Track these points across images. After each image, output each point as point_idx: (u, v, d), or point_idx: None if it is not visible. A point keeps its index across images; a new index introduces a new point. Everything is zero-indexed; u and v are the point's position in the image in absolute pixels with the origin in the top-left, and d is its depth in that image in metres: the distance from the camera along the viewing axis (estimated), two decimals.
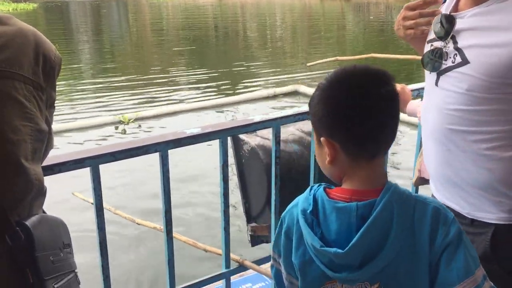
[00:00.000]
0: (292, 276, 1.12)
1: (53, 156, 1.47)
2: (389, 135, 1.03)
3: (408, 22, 1.45)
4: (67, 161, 1.52)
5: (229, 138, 1.92)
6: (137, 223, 2.81)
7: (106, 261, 1.68)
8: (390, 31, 15.32)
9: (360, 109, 0.98)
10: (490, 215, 1.32)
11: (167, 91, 9.36)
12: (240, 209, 2.74)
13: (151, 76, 10.60)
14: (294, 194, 2.22)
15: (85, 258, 2.66)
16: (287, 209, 1.14)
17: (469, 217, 1.35)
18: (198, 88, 9.59)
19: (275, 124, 1.89)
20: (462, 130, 1.31)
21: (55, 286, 1.11)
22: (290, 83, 9.30)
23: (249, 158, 2.18)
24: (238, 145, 2.18)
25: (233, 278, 2.96)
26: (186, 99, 8.67)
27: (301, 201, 1.07)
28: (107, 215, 1.70)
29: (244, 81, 10.17)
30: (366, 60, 7.00)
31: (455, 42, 1.34)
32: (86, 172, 1.59)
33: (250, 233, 2.24)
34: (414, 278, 1.00)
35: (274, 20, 23.85)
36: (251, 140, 2.16)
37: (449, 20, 1.35)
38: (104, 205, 1.64)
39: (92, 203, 1.63)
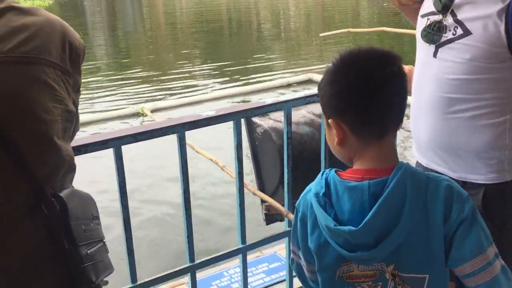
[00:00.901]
0: (312, 264, 1.13)
1: (79, 138, 1.58)
2: (397, 114, 1.04)
3: None
4: (91, 143, 1.63)
5: (243, 121, 2.02)
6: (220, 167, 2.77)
7: (130, 237, 1.79)
8: (404, 16, 15.24)
9: (365, 90, 1.00)
10: (481, 176, 1.42)
11: (182, 83, 9.49)
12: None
13: (166, 70, 10.73)
14: (306, 174, 2.32)
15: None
16: (300, 196, 1.16)
17: (461, 180, 1.43)
18: (213, 80, 9.69)
19: (286, 106, 1.98)
20: (461, 98, 1.40)
21: (88, 251, 1.22)
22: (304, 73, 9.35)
23: (262, 140, 2.27)
24: (251, 128, 2.28)
25: (250, 259, 3.08)
26: (201, 90, 8.78)
27: (313, 186, 1.10)
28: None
29: (258, 73, 10.25)
30: (377, 35, 6.97)
31: (454, 15, 1.41)
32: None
33: (264, 211, 2.34)
34: (429, 256, 1.01)
35: (288, 10, 23.77)
36: (264, 123, 2.25)
37: None
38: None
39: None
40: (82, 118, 7.21)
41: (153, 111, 7.26)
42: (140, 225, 4.19)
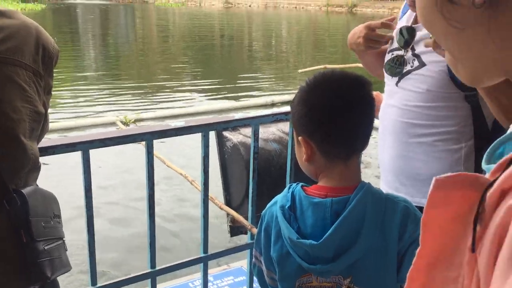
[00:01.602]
0: (272, 271, 1.18)
1: (48, 139, 1.64)
2: (363, 137, 1.10)
3: (365, 40, 1.66)
4: (60, 144, 1.68)
5: (213, 134, 2.09)
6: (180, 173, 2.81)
7: (92, 239, 1.84)
8: None
9: (335, 111, 1.05)
10: None
11: (168, 96, 9.56)
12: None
13: (154, 83, 10.80)
14: (272, 189, 2.40)
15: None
16: (266, 207, 1.22)
17: (418, 205, 1.52)
18: (200, 94, 9.79)
19: (254, 122, 2.06)
20: (420, 124, 1.52)
21: (45, 247, 1.28)
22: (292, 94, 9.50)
23: (231, 154, 2.35)
24: (221, 141, 2.35)
25: (216, 271, 3.13)
26: (187, 104, 8.86)
27: (279, 199, 1.14)
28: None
29: (246, 91, 10.37)
30: (354, 69, 7.20)
31: (413, 50, 1.55)
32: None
33: (229, 224, 2.40)
34: (383, 271, 1.07)
35: (280, 32, 24.10)
36: (234, 137, 2.33)
37: (410, 32, 1.55)
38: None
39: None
40: (65, 124, 7.22)
41: (136, 121, 7.31)
42: (106, 228, 4.19)
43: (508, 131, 0.56)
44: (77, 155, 1.74)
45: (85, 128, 6.92)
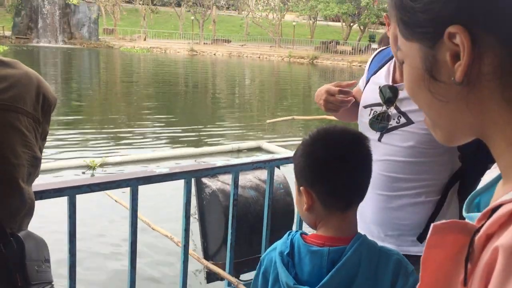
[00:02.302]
0: None
1: (36, 184, 1.66)
2: (362, 190, 1.17)
3: (329, 104, 1.77)
4: (48, 190, 1.71)
5: (192, 182, 2.15)
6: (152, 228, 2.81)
7: (73, 284, 1.84)
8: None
9: (336, 165, 1.12)
10: (422, 248, 1.59)
11: (132, 142, 9.54)
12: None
13: (117, 129, 10.77)
14: (249, 235, 2.45)
15: None
16: (266, 252, 1.27)
17: (407, 254, 1.59)
18: (163, 141, 9.81)
19: (235, 169, 2.14)
20: (404, 178, 1.59)
21: None
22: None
23: (210, 200, 2.40)
24: (200, 188, 2.41)
25: None
26: (152, 150, 8.85)
27: (279, 245, 1.19)
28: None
29: (211, 138, 10.48)
30: (320, 121, 7.46)
31: (397, 108, 1.63)
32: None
33: (206, 270, 2.42)
34: None
35: (243, 80, 24.61)
36: (212, 184, 2.39)
37: (393, 91, 1.65)
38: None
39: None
40: None
41: (102, 165, 7.25)
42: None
43: (483, 184, 0.67)
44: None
45: (50, 172, 6.79)
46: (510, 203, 0.49)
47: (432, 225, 0.55)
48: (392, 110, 1.63)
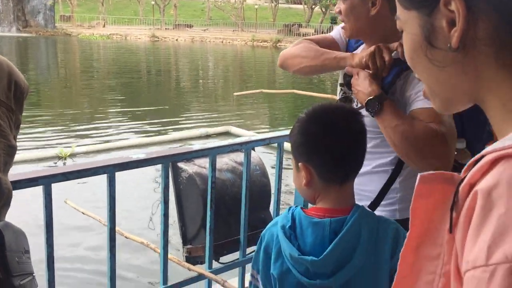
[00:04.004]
0: None
1: (9, 174, 1.61)
2: (357, 162, 1.22)
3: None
4: (22, 179, 1.66)
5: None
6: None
7: (52, 275, 1.80)
8: (314, 79, 16.43)
9: (332, 139, 1.16)
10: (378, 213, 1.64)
11: (98, 131, 9.35)
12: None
13: (80, 122, 10.53)
14: (226, 218, 2.45)
15: None
16: (266, 228, 1.30)
17: None
18: (130, 131, 9.65)
19: (212, 152, 2.13)
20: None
21: (20, 282, 1.26)
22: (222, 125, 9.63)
23: (187, 184, 2.38)
24: (176, 172, 2.38)
25: None
26: (119, 139, 8.71)
27: (280, 219, 1.23)
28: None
29: (177, 122, 10.38)
30: (288, 96, 7.49)
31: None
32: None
33: (186, 254, 2.41)
34: (377, 286, 1.17)
35: (207, 65, 24.39)
36: (188, 168, 2.37)
37: (346, 78, 1.68)
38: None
39: (82, 213, 1.74)
40: None
41: (71, 155, 7.11)
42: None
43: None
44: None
45: (18, 164, 6.62)
46: (492, 153, 0.52)
47: (419, 175, 0.58)
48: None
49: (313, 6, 40.39)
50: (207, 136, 8.66)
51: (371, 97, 1.44)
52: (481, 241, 0.47)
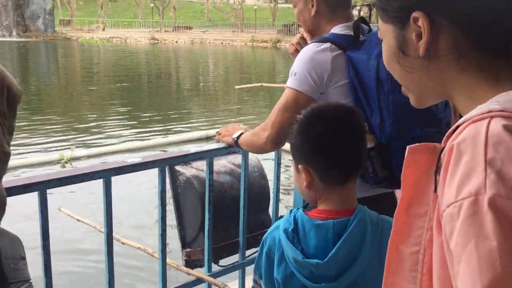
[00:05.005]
0: None
1: (4, 181, 1.59)
2: (358, 162, 1.21)
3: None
4: (16, 186, 1.64)
5: (166, 169, 2.12)
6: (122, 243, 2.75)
7: (50, 281, 1.79)
8: None
9: (332, 140, 1.14)
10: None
11: (99, 135, 9.35)
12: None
13: (83, 124, 10.53)
14: (225, 220, 2.44)
15: None
16: (268, 232, 1.28)
17: None
18: (131, 132, 9.65)
19: (209, 155, 2.12)
20: None
21: None
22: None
23: (185, 187, 2.37)
24: (174, 176, 2.37)
25: None
26: (120, 142, 8.70)
27: (282, 223, 1.22)
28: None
29: (177, 125, 10.37)
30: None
31: None
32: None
33: (185, 258, 2.40)
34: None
35: (207, 67, 24.36)
36: (186, 171, 2.36)
37: None
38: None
39: (77, 219, 1.73)
40: None
41: (72, 159, 7.12)
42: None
43: None
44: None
45: (19, 168, 6.62)
46: (464, 122, 0.61)
47: (408, 147, 0.68)
48: None
49: None
50: (207, 138, 8.65)
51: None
52: (453, 184, 0.57)
